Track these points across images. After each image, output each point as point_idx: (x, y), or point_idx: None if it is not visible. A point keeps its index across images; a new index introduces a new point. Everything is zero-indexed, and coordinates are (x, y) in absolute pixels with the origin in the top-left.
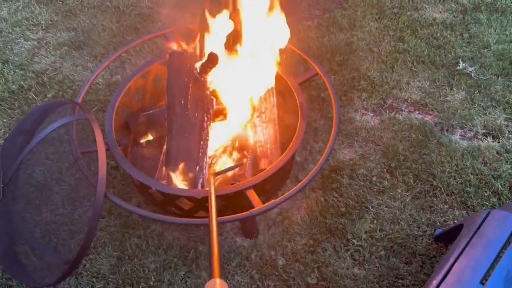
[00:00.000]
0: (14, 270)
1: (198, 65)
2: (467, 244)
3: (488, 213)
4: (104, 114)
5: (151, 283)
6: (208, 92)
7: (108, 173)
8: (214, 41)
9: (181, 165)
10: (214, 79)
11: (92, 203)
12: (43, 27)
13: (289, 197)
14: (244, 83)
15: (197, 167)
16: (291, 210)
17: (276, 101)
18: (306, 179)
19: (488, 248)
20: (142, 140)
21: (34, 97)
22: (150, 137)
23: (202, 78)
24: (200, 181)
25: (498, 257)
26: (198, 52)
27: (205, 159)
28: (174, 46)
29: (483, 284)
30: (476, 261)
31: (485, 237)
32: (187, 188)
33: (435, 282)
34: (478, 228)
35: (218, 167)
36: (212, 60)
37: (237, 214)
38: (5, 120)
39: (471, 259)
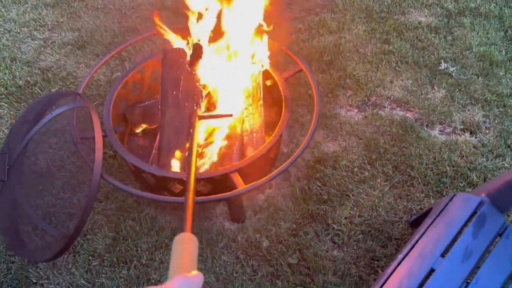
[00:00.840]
0: (17, 248)
1: (187, 58)
2: (432, 223)
3: (454, 196)
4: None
5: (143, 261)
6: (198, 84)
7: (106, 160)
8: (203, 36)
9: (172, 150)
10: (204, 72)
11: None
12: (49, 27)
13: (270, 179)
14: (233, 75)
15: (187, 153)
16: (277, 198)
17: (262, 95)
18: (287, 162)
19: (450, 225)
20: (138, 130)
21: (39, 91)
22: (145, 126)
23: (192, 71)
24: None
25: (459, 234)
26: (189, 47)
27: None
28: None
29: (443, 257)
30: (438, 237)
31: (448, 216)
32: (176, 171)
33: (400, 256)
34: (443, 208)
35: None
36: (197, 50)
37: (220, 194)
38: (12, 113)
39: (434, 235)
